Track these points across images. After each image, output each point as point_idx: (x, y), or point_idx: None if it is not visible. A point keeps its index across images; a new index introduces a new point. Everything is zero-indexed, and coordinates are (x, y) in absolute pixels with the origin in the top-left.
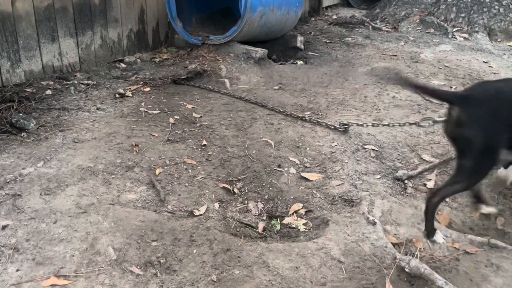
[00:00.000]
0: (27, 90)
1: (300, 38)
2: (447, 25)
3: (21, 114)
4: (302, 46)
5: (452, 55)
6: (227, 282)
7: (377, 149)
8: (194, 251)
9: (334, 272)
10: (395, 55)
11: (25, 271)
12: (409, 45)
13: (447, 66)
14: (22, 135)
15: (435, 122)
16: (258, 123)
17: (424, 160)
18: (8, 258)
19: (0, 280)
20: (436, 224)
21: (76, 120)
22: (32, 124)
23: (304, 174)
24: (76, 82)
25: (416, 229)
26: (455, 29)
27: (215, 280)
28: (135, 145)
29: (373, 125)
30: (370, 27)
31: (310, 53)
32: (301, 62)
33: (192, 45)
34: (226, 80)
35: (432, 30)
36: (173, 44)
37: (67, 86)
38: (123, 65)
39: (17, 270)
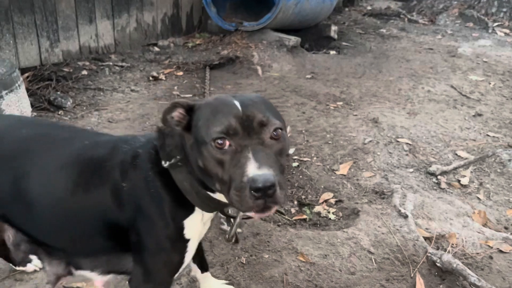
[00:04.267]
0: (64, 69)
1: (334, 28)
2: (488, 19)
3: (58, 93)
4: (336, 36)
5: (491, 51)
6: (256, 265)
7: (410, 143)
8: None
9: (364, 262)
10: (431, 49)
11: None
12: (446, 38)
13: (486, 62)
14: (59, 112)
15: None
16: (290, 111)
17: (459, 156)
18: None
19: None
20: (470, 221)
21: (110, 101)
22: (69, 103)
23: (335, 165)
24: (111, 63)
25: (449, 225)
26: (495, 24)
27: (244, 262)
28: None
29: None
30: (406, 19)
31: (344, 43)
32: (334, 52)
33: (225, 31)
34: (258, 67)
35: (471, 24)
36: (206, 30)
37: (102, 67)
38: (156, 48)
39: None
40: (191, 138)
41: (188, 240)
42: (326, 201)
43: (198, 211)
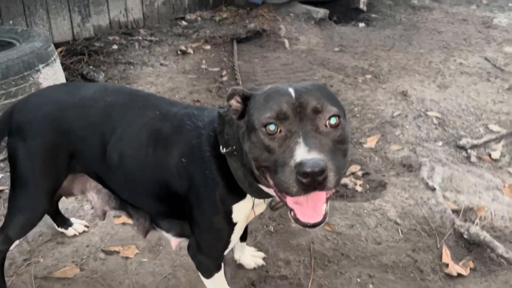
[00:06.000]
0: (95, 44)
1: (363, 0)
2: None
3: (91, 67)
4: (365, 8)
5: None
6: (283, 234)
7: (440, 116)
8: None
9: (390, 233)
10: (465, 20)
11: None
12: (481, 9)
13: None
14: None
15: None
16: None
17: (491, 130)
18: None
19: None
20: (500, 194)
21: (141, 74)
22: (101, 77)
23: (362, 138)
24: (140, 38)
25: (478, 198)
26: None
27: (272, 231)
28: (197, 100)
29: None
30: None
31: (373, 15)
32: (363, 24)
33: (252, 4)
34: (286, 40)
35: None
36: (233, 3)
37: (131, 41)
38: (184, 22)
39: None
40: (243, 126)
41: (235, 224)
42: (353, 173)
43: (249, 198)
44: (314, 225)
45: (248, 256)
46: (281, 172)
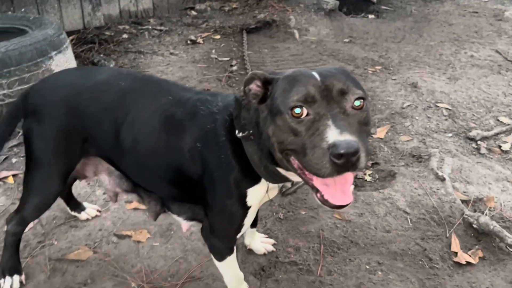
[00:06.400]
0: (105, 33)
1: None
2: None
3: (101, 55)
4: (375, 0)
5: None
6: (293, 221)
7: (450, 108)
8: None
9: (399, 222)
10: (476, 12)
11: None
12: (492, 1)
13: None
14: None
15: None
16: None
17: (501, 122)
18: None
19: None
20: (509, 186)
21: (151, 63)
22: (111, 65)
23: (372, 128)
24: (150, 27)
25: (487, 189)
26: None
27: (282, 218)
28: (206, 90)
29: None
30: None
31: (383, 7)
32: (373, 16)
33: None
34: (295, 31)
35: None
36: None
37: (141, 31)
38: (194, 12)
39: None
40: (265, 110)
41: (249, 207)
42: None
43: (263, 183)
44: (342, 206)
45: (258, 242)
46: (312, 154)
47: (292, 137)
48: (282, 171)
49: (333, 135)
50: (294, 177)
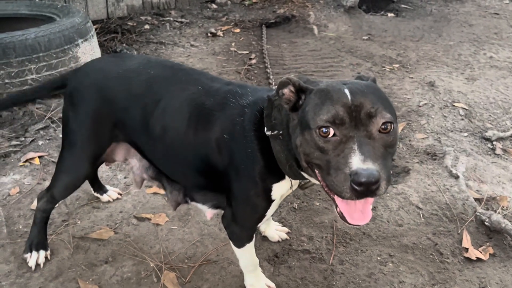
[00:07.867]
0: (128, 23)
1: None
2: None
3: (124, 45)
4: None
5: None
6: (307, 211)
7: (466, 108)
8: None
9: (412, 216)
10: (497, 13)
11: None
12: None
13: None
14: None
15: None
16: (345, 72)
17: None
18: None
19: None
20: None
21: (172, 54)
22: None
23: None
24: (171, 19)
25: (501, 188)
26: None
27: (296, 208)
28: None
29: None
30: None
31: (403, 5)
32: (392, 14)
33: None
34: (314, 27)
35: None
36: None
37: (163, 22)
38: (214, 6)
39: None
40: (295, 119)
41: (273, 201)
42: None
43: (287, 179)
44: (359, 225)
45: (273, 229)
46: (335, 176)
47: (318, 153)
48: (305, 175)
49: (356, 162)
50: (316, 181)
